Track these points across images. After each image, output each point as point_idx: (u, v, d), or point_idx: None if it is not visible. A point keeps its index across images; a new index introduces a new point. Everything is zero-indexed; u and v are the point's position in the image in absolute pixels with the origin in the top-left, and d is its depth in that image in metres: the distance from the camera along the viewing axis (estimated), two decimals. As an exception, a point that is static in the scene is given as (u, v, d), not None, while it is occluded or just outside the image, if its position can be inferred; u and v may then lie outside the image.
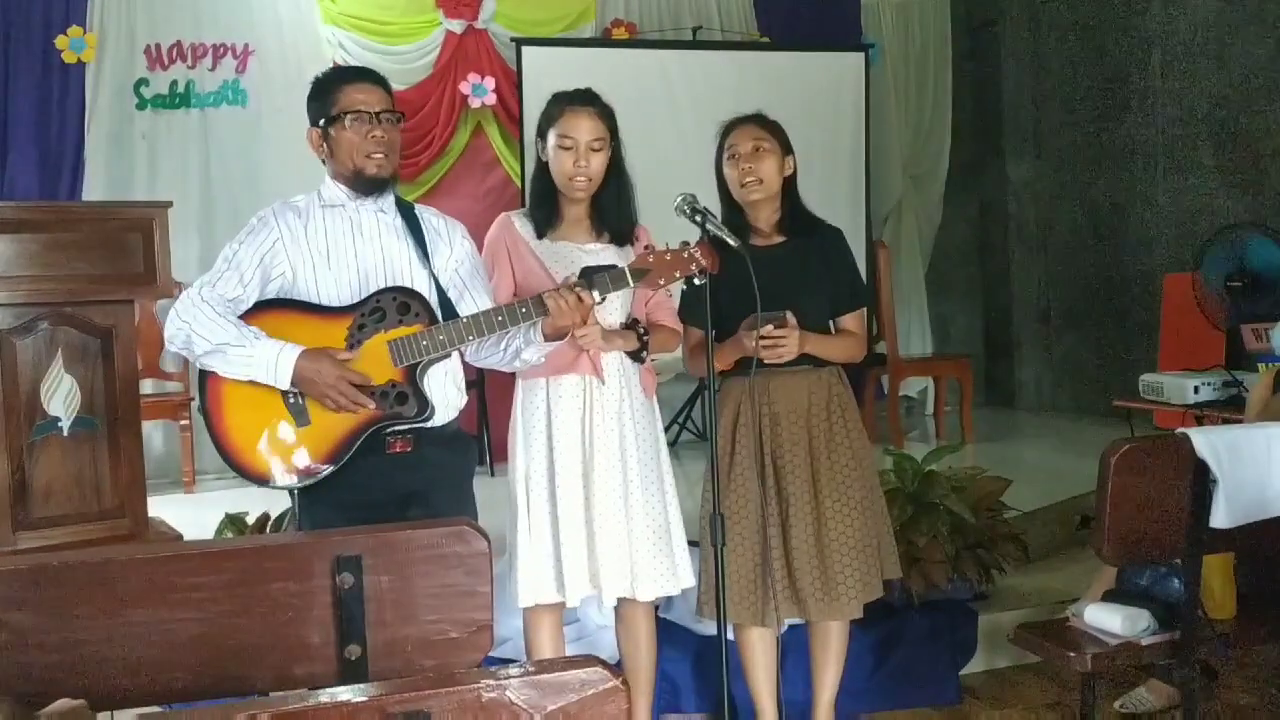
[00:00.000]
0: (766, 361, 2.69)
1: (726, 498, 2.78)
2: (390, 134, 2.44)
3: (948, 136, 7.65)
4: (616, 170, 2.76)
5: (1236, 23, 6.06)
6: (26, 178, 5.71)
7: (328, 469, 2.34)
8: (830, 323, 2.89)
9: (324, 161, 2.49)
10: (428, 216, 2.58)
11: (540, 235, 2.77)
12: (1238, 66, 6.06)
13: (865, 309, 2.97)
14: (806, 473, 2.77)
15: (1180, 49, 6.40)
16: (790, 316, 2.68)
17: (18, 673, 1.44)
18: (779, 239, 2.88)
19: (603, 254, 2.74)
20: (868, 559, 2.77)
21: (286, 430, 2.34)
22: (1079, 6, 7.17)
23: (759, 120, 2.88)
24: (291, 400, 2.33)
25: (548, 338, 2.46)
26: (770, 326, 2.64)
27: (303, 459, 2.34)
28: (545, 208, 2.77)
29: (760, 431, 2.79)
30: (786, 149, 2.87)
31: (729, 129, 2.88)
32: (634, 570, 2.71)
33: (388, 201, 2.52)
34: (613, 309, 2.75)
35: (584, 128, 2.68)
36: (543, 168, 2.77)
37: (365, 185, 2.45)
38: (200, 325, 2.31)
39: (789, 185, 2.89)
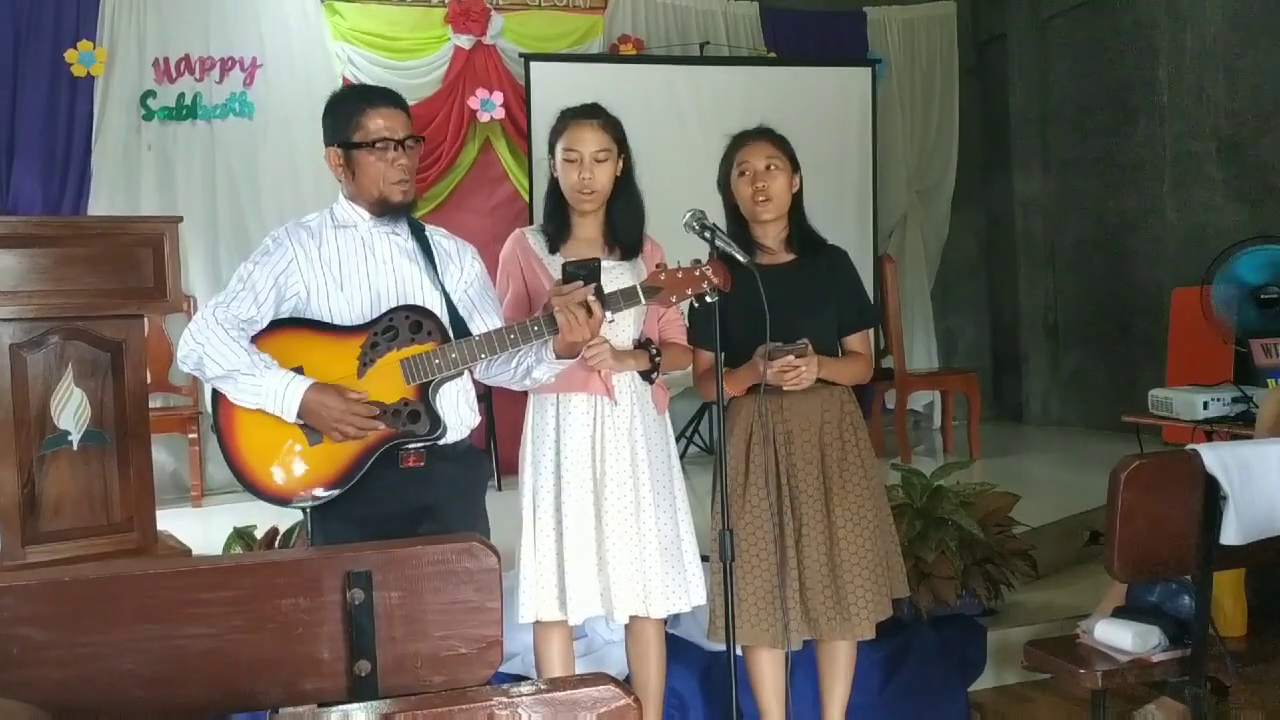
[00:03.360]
0: (785, 389, 2.69)
1: (741, 516, 2.77)
2: (413, 160, 2.46)
3: (954, 151, 7.67)
4: (626, 183, 2.78)
5: (1245, 37, 6.06)
6: (31, 189, 5.73)
7: (339, 488, 2.34)
8: (837, 342, 2.89)
9: (340, 181, 2.50)
10: (438, 238, 2.58)
11: (553, 250, 2.78)
12: (1246, 81, 6.06)
13: (871, 329, 2.96)
14: (819, 491, 2.76)
15: (1188, 63, 6.41)
16: (809, 344, 2.67)
17: (30, 687, 1.44)
18: (787, 257, 2.87)
19: (614, 270, 2.74)
20: (879, 578, 2.76)
21: (299, 449, 2.34)
22: (1086, 21, 7.18)
23: (770, 136, 2.87)
24: None
25: (559, 355, 2.45)
26: (791, 357, 2.64)
27: (316, 478, 2.34)
28: (556, 222, 2.79)
29: (775, 451, 2.78)
30: (795, 166, 2.87)
31: (739, 144, 2.87)
32: (646, 588, 2.70)
33: (400, 223, 2.53)
34: (624, 328, 2.75)
35: (588, 140, 2.71)
36: (555, 183, 2.80)
37: (389, 211, 2.46)
38: (213, 348, 2.31)
39: (795, 202, 2.88)
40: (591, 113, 2.76)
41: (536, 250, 2.79)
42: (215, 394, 2.37)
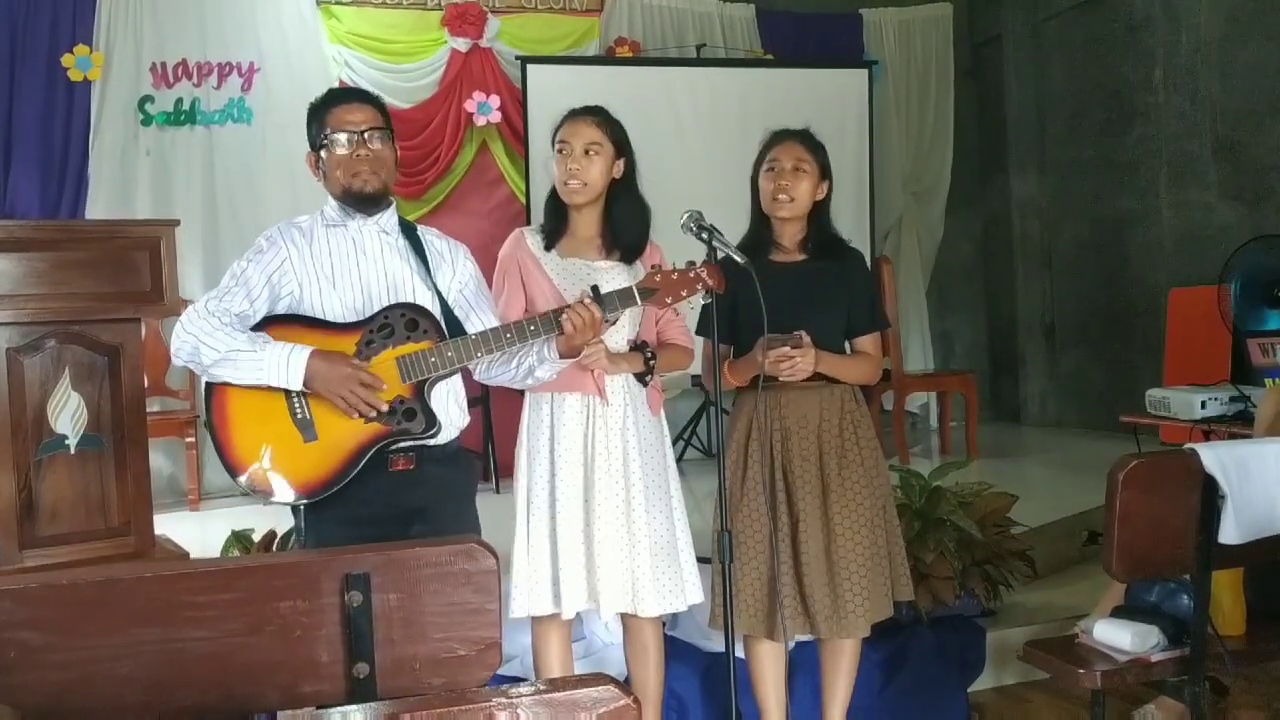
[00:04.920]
0: (781, 379, 2.70)
1: (739, 513, 2.77)
2: (379, 150, 2.45)
3: (949, 152, 7.67)
4: (627, 187, 2.78)
5: (1240, 37, 6.07)
6: (28, 194, 5.72)
7: (333, 485, 2.33)
8: (846, 344, 2.88)
9: (321, 183, 2.51)
10: (430, 238, 2.59)
11: (548, 246, 2.79)
12: (1241, 81, 6.07)
13: (882, 333, 2.95)
14: (816, 488, 2.76)
15: (1183, 63, 6.42)
16: (805, 336, 2.68)
17: (27, 691, 1.44)
18: (801, 257, 2.87)
19: (612, 271, 2.75)
20: (877, 577, 2.76)
21: (293, 445, 2.33)
22: (1082, 22, 7.19)
23: (805, 139, 2.87)
24: (299, 415, 2.33)
25: (563, 355, 2.47)
26: (786, 348, 2.64)
27: (308, 475, 2.33)
28: (553, 220, 2.81)
29: (771, 446, 2.78)
30: (825, 173, 2.86)
31: (774, 141, 2.88)
32: (635, 586, 2.70)
33: (390, 222, 2.53)
34: (619, 330, 2.75)
35: (581, 133, 2.73)
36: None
37: (357, 202, 2.46)
38: (207, 335, 2.31)
39: (818, 208, 2.87)
40: (590, 110, 2.79)
41: (534, 249, 2.80)
42: (209, 389, 2.37)
